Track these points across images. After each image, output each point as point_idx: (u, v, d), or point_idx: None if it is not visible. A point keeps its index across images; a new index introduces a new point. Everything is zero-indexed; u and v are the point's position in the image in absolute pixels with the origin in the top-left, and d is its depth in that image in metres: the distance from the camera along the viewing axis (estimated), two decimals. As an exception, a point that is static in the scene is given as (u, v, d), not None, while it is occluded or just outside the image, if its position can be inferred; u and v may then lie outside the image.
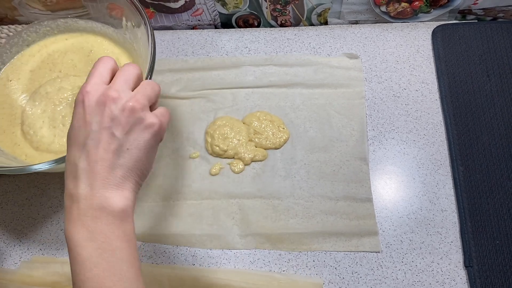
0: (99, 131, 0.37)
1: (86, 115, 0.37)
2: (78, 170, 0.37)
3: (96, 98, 0.38)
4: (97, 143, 0.37)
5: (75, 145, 0.38)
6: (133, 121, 0.38)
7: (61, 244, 0.62)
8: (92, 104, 0.37)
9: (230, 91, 0.71)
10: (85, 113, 0.37)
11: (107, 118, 0.37)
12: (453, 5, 0.72)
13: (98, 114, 0.37)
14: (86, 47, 0.66)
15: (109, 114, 0.37)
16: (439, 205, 0.61)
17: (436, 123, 0.66)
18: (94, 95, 0.38)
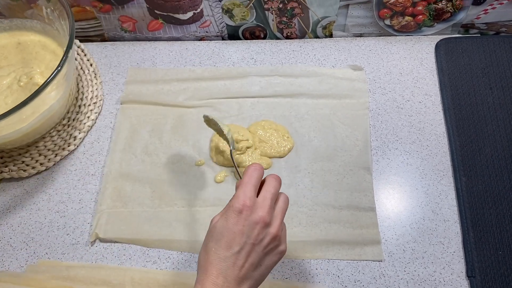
0: (249, 244, 0.45)
1: (242, 226, 0.45)
2: (223, 266, 0.45)
3: (252, 216, 0.46)
4: (246, 254, 0.45)
5: (225, 243, 0.45)
6: (273, 245, 0.47)
7: (67, 249, 0.62)
8: (248, 219, 0.46)
9: (236, 101, 0.73)
10: (241, 224, 0.45)
11: (257, 236, 0.46)
12: (456, 19, 0.73)
13: (251, 230, 0.45)
14: (13, 41, 0.73)
15: (259, 234, 0.46)
16: (442, 215, 0.61)
17: (439, 134, 0.67)
18: (249, 212, 0.46)
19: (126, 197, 0.66)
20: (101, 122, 0.73)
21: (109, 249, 0.62)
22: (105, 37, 0.82)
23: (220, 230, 0.46)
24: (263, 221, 0.46)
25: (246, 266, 0.45)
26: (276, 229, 0.47)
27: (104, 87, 0.76)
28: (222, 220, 0.47)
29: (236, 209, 0.46)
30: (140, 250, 0.62)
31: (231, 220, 0.46)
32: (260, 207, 0.47)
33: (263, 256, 0.46)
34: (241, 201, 0.46)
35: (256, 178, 0.49)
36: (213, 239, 0.47)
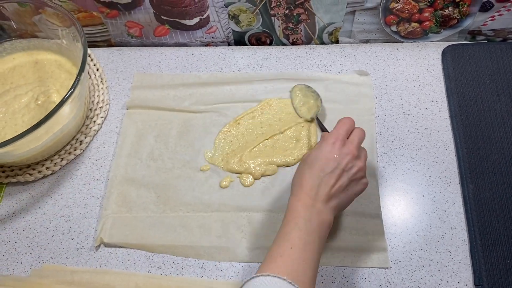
0: (340, 169, 0.52)
1: (335, 155, 0.53)
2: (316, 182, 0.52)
3: (343, 148, 0.53)
4: (337, 177, 0.52)
5: (319, 166, 0.52)
6: (359, 175, 0.53)
7: (72, 253, 0.62)
8: (340, 149, 0.53)
9: (242, 105, 0.73)
10: (334, 152, 0.53)
11: (347, 164, 0.52)
12: (463, 26, 0.73)
13: (343, 159, 0.52)
14: (31, 60, 0.75)
15: (349, 163, 0.52)
16: (449, 222, 0.61)
17: (445, 141, 0.67)
18: (341, 144, 0.53)
19: (131, 202, 0.66)
20: (107, 127, 0.73)
21: (113, 254, 0.62)
22: (112, 42, 0.82)
23: (315, 156, 0.53)
24: (353, 153, 0.53)
25: (335, 187, 0.52)
26: (363, 163, 0.54)
27: (110, 92, 0.77)
28: (316, 150, 0.54)
29: (330, 140, 0.54)
30: (144, 255, 0.62)
31: (325, 148, 0.53)
32: (351, 143, 0.54)
33: (350, 183, 0.53)
34: (335, 135, 0.54)
35: (349, 124, 0.56)
36: (307, 164, 0.53)
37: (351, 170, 0.53)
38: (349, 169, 0.52)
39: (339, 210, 0.53)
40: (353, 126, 0.57)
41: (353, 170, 0.53)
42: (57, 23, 0.71)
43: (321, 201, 0.51)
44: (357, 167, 0.53)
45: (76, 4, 0.74)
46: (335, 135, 0.54)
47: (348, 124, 0.56)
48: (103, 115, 0.73)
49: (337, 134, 0.54)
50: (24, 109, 0.68)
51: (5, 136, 0.66)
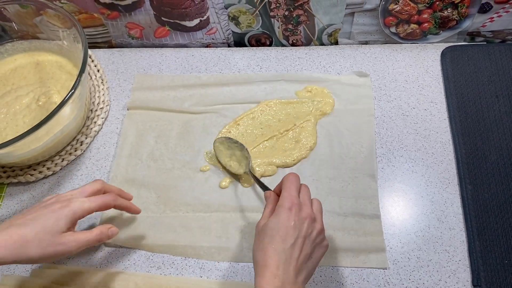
0: (302, 238, 0.49)
1: (294, 222, 0.49)
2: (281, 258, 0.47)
3: (300, 212, 0.50)
4: (300, 246, 0.49)
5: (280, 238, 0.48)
6: (319, 239, 0.51)
7: (72, 253, 0.63)
8: (298, 215, 0.50)
9: (242, 106, 0.73)
10: (292, 219, 0.49)
11: (307, 230, 0.50)
12: (462, 27, 0.73)
13: (302, 225, 0.49)
14: (32, 61, 0.75)
15: (308, 228, 0.50)
16: (447, 223, 0.61)
17: (444, 142, 0.67)
18: (298, 209, 0.50)
19: (133, 202, 0.66)
20: (107, 127, 0.74)
21: (113, 254, 0.63)
22: (113, 43, 0.82)
23: (274, 226, 0.49)
24: (310, 216, 0.50)
25: (301, 258, 0.48)
26: (321, 224, 0.52)
27: (110, 93, 0.77)
28: (274, 219, 0.50)
29: (287, 207, 0.50)
30: (144, 255, 0.62)
31: (283, 216, 0.50)
32: (305, 205, 0.51)
33: (313, 248, 0.50)
34: (290, 200, 0.51)
35: (297, 181, 0.53)
36: (267, 236, 0.49)
37: (311, 235, 0.50)
38: (309, 234, 0.50)
39: (308, 280, 0.50)
40: (299, 182, 0.54)
41: (314, 234, 0.50)
42: (58, 25, 0.71)
43: (291, 279, 0.47)
44: (316, 230, 0.50)
45: (77, 6, 0.75)
46: (289, 199, 0.51)
47: (296, 181, 0.53)
48: (103, 116, 0.74)
49: (291, 197, 0.51)
50: (25, 110, 0.69)
51: (6, 136, 0.66)
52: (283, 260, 0.47)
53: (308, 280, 0.50)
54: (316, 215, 0.52)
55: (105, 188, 0.57)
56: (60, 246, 0.49)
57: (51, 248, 0.48)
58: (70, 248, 0.50)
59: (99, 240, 0.54)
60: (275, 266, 0.47)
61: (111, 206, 0.56)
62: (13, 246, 0.46)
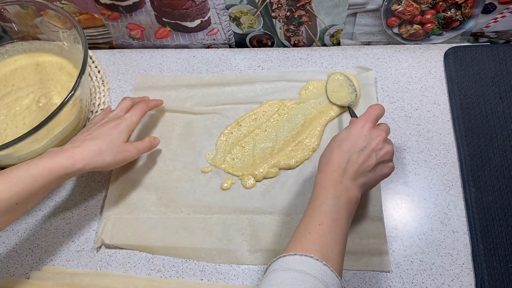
0: (369, 149, 0.53)
1: (364, 135, 0.54)
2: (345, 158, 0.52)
3: (373, 130, 0.54)
4: (366, 156, 0.52)
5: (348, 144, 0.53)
6: (387, 158, 0.54)
7: (72, 255, 0.62)
8: (370, 131, 0.54)
9: (243, 107, 0.73)
10: (364, 133, 0.54)
11: (376, 145, 0.53)
12: (466, 28, 0.72)
13: (373, 139, 0.53)
14: (33, 62, 0.75)
15: (378, 144, 0.53)
16: (450, 226, 0.60)
17: (447, 144, 0.66)
18: (371, 126, 0.55)
19: (132, 203, 0.66)
20: (108, 128, 0.73)
21: (113, 256, 0.62)
22: (113, 44, 0.82)
23: (345, 136, 0.54)
24: (383, 136, 0.54)
25: (363, 166, 0.52)
26: (391, 147, 0.55)
27: (111, 94, 0.77)
28: (346, 131, 0.55)
29: (361, 123, 0.55)
30: (145, 258, 0.62)
31: (354, 130, 0.54)
32: (381, 128, 0.56)
33: (378, 164, 0.53)
34: (365, 118, 0.55)
35: (379, 111, 0.57)
36: (336, 142, 0.54)
37: (380, 152, 0.53)
38: (378, 150, 0.53)
39: (365, 189, 0.54)
40: (383, 114, 0.57)
41: (382, 151, 0.53)
42: (58, 25, 0.71)
43: (349, 177, 0.51)
44: (385, 149, 0.53)
45: (78, 6, 0.74)
46: (365, 117, 0.55)
47: (379, 110, 0.57)
48: (104, 117, 0.73)
49: (367, 116, 0.55)
50: (25, 111, 0.68)
51: (6, 138, 0.66)
52: (346, 160, 0.52)
53: (366, 189, 0.53)
54: (389, 140, 0.55)
55: (133, 100, 0.67)
56: (126, 153, 0.59)
57: (120, 154, 0.59)
58: (132, 153, 0.60)
59: (150, 148, 0.65)
60: (337, 164, 0.52)
61: (146, 112, 0.67)
62: (92, 155, 0.56)
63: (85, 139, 0.58)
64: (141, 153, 0.63)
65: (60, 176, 0.53)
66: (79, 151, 0.55)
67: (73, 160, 0.54)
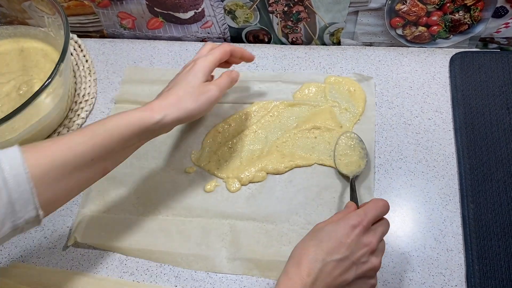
0: (350, 261, 0.44)
1: (351, 241, 0.45)
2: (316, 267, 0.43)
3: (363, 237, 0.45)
4: (344, 268, 0.44)
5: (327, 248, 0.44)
6: (369, 274, 0.46)
7: (43, 252, 0.59)
8: (359, 237, 0.45)
9: (234, 106, 0.69)
10: (351, 238, 0.45)
11: (361, 257, 0.45)
12: (474, 32, 0.68)
13: (358, 248, 0.45)
14: (17, 48, 0.72)
15: (363, 256, 0.45)
16: (445, 244, 0.56)
17: (447, 155, 0.62)
18: (362, 231, 0.45)
19: (109, 201, 0.63)
20: (91, 121, 0.70)
21: (86, 256, 0.59)
22: (105, 33, 0.79)
23: (328, 233, 0.46)
24: (372, 247, 0.46)
25: (338, 279, 0.44)
26: (378, 261, 0.46)
27: (98, 85, 0.73)
28: (333, 226, 0.46)
29: (352, 223, 0.46)
30: (118, 259, 0.59)
31: (342, 230, 0.45)
32: (373, 234, 0.46)
33: (356, 279, 0.45)
34: (360, 218, 0.46)
35: (381, 212, 0.48)
36: (316, 238, 0.46)
37: (362, 266, 0.45)
38: (360, 263, 0.45)
39: None
40: (386, 213, 0.49)
41: (365, 266, 0.45)
42: (45, 11, 0.68)
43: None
44: (370, 264, 0.45)
45: (66, -9, 0.71)
46: (360, 217, 0.46)
47: (381, 210, 0.48)
48: (88, 109, 0.70)
49: (363, 217, 0.46)
50: (4, 99, 0.65)
51: None
52: (318, 269, 0.43)
53: None
54: (378, 250, 0.47)
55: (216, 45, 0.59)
56: (207, 93, 0.53)
57: (202, 96, 0.52)
58: (215, 92, 0.54)
59: (231, 81, 0.58)
60: (307, 272, 0.43)
61: (228, 53, 0.58)
62: (171, 105, 0.50)
63: (162, 93, 0.54)
64: (225, 90, 0.56)
65: (139, 130, 0.48)
66: (156, 102, 0.50)
67: (151, 111, 0.49)
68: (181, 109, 0.51)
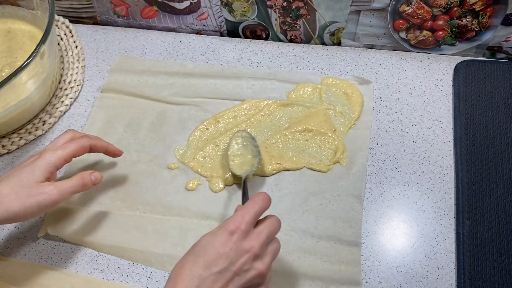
0: (231, 272, 0.41)
1: (229, 249, 0.41)
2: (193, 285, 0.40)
3: (243, 242, 0.42)
4: (225, 281, 0.40)
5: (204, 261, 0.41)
6: (255, 282, 0.42)
7: (12, 243, 0.56)
8: (238, 244, 0.41)
9: (225, 102, 0.66)
10: (229, 246, 0.41)
11: (243, 266, 0.41)
12: (482, 40, 0.64)
13: (238, 256, 0.41)
14: (3, 28, 0.69)
15: (245, 264, 0.41)
16: (436, 261, 0.52)
17: (445, 167, 0.59)
18: (242, 236, 0.42)
19: (86, 193, 0.59)
20: (75, 109, 0.67)
21: (56, 249, 0.56)
22: (98, 20, 0.76)
23: (204, 245, 0.42)
24: (254, 252, 0.42)
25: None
26: (265, 266, 0.42)
27: (86, 72, 0.71)
28: (209, 236, 0.42)
29: (229, 229, 0.42)
30: (89, 255, 0.56)
31: (219, 238, 0.42)
32: (255, 237, 0.42)
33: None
34: (237, 223, 0.42)
35: (261, 207, 0.44)
36: (193, 252, 0.42)
37: (246, 275, 0.41)
38: (243, 272, 0.41)
39: None
40: (267, 207, 0.45)
41: (249, 274, 0.41)
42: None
43: None
44: (255, 271, 0.42)
45: (59, -26, 0.69)
46: (237, 221, 0.42)
47: (260, 205, 0.44)
48: (72, 96, 0.67)
49: (240, 220, 0.42)
50: None
51: None
52: (195, 287, 0.39)
53: None
54: (264, 254, 0.43)
55: (77, 136, 0.53)
56: (41, 196, 0.47)
57: (31, 199, 0.46)
58: (52, 196, 0.47)
59: (83, 185, 0.50)
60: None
61: (87, 149, 0.52)
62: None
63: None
64: (68, 195, 0.49)
65: None
66: None
67: None
68: (1, 210, 0.45)
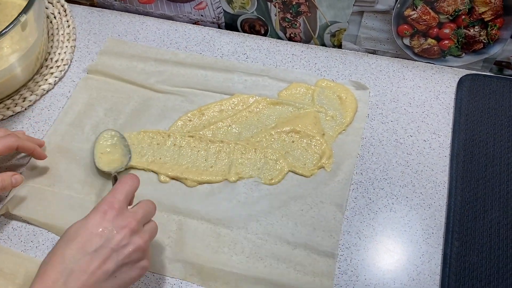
0: (108, 248, 0.39)
1: (104, 228, 0.40)
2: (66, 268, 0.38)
3: (117, 219, 0.41)
4: (102, 258, 0.39)
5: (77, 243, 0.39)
6: (135, 257, 0.41)
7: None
8: (113, 221, 0.41)
9: (213, 95, 0.63)
10: (103, 225, 0.40)
11: (120, 241, 0.40)
12: (489, 53, 0.61)
13: (115, 234, 0.40)
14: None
15: (123, 239, 0.40)
16: (419, 282, 0.48)
17: (438, 183, 0.55)
18: (115, 214, 0.41)
19: (56, 175, 0.57)
20: (59, 89, 0.65)
21: (17, 230, 0.53)
22: (95, 1, 0.74)
23: (75, 230, 0.40)
24: (130, 227, 0.41)
25: (98, 273, 0.38)
26: (144, 241, 0.42)
27: (75, 53, 0.68)
28: (82, 220, 0.41)
29: (101, 210, 0.41)
30: (51, 240, 0.53)
31: (92, 220, 0.40)
32: (132, 215, 0.42)
33: (121, 267, 0.40)
34: (109, 203, 0.42)
35: (130, 186, 0.44)
36: (65, 239, 0.40)
37: (124, 250, 0.40)
38: (121, 247, 0.40)
39: None
40: (136, 188, 0.45)
41: (127, 249, 0.40)
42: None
43: None
44: (133, 245, 0.40)
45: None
46: (109, 201, 0.42)
47: (129, 185, 0.44)
48: (58, 75, 0.65)
49: (111, 200, 0.42)
50: None
51: None
52: (68, 271, 0.37)
53: None
54: (142, 230, 0.42)
55: (7, 133, 0.52)
56: None
57: None
58: None
59: (1, 188, 0.50)
60: (53, 279, 0.37)
61: (13, 148, 0.51)
62: None
63: None
64: None
65: None
66: None
67: None
68: None
